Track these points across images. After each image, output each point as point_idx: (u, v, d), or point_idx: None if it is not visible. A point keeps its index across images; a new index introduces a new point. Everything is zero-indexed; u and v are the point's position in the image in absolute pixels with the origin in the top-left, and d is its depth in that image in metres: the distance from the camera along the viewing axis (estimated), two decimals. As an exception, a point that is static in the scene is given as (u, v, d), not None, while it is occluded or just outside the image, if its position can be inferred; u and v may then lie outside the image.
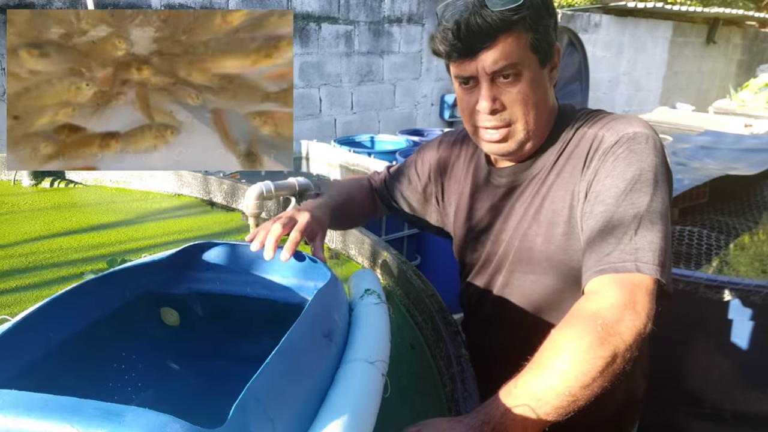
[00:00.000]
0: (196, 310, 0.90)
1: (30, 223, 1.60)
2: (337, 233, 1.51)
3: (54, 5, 3.14)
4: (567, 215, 0.92)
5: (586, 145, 0.92)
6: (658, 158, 0.86)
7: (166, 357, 0.89)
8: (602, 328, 0.72)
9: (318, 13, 4.33)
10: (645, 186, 0.83)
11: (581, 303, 0.78)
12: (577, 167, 0.91)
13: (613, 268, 0.79)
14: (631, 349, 0.72)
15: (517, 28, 0.84)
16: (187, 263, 0.88)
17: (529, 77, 0.87)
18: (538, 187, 0.97)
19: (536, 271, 0.97)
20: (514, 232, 0.99)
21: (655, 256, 0.79)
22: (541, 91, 0.90)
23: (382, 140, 4.02)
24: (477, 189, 1.08)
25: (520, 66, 0.86)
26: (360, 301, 0.87)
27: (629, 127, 0.88)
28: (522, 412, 0.69)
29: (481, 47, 0.84)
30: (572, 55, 4.95)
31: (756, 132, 3.85)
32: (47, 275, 1.29)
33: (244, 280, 0.90)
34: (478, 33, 0.83)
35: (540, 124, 0.93)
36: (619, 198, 0.83)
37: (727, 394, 1.64)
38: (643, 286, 0.77)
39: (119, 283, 0.81)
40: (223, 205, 1.83)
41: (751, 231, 2.14)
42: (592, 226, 0.85)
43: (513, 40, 0.84)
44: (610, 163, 0.86)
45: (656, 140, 0.88)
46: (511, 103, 0.88)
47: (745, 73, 9.69)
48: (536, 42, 0.86)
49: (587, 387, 0.70)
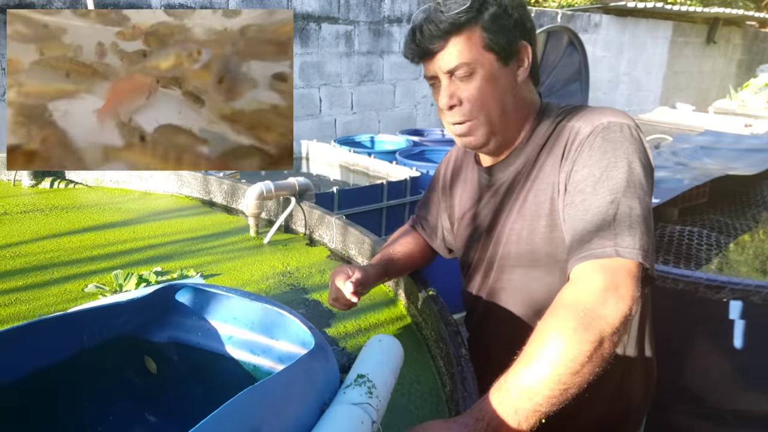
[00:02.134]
0: (174, 361, 0.79)
1: (30, 223, 1.60)
2: (336, 233, 1.51)
3: (54, 5, 3.14)
4: (549, 208, 0.94)
5: (563, 138, 0.94)
6: (634, 145, 0.87)
7: (142, 407, 0.79)
8: (585, 314, 0.72)
9: (318, 13, 4.33)
10: (621, 173, 0.84)
11: (563, 292, 0.79)
12: (556, 160, 0.94)
13: (594, 255, 0.80)
14: (618, 332, 0.73)
15: (470, 28, 0.90)
16: (168, 305, 0.78)
17: (484, 74, 0.92)
18: (522, 182, 0.99)
19: (524, 264, 0.99)
20: (502, 228, 1.02)
21: (635, 240, 0.80)
22: (502, 88, 0.94)
23: (382, 140, 4.02)
24: (473, 190, 1.11)
25: (473, 64, 0.92)
26: (341, 396, 0.66)
27: (603, 117, 0.91)
28: (514, 405, 0.69)
29: (434, 49, 0.92)
30: (572, 55, 4.95)
31: (756, 132, 3.85)
32: (47, 275, 1.29)
33: (227, 335, 0.78)
34: (430, 36, 0.91)
35: (506, 118, 0.96)
36: (596, 186, 0.85)
37: (727, 394, 1.64)
38: (625, 269, 0.78)
39: (84, 325, 0.71)
40: (223, 205, 1.83)
41: (751, 231, 2.14)
42: (572, 215, 0.87)
43: (464, 41, 0.91)
44: (586, 153, 0.88)
45: (632, 128, 0.89)
46: (467, 99, 0.94)
47: (745, 73, 9.69)
48: (491, 41, 0.91)
49: (577, 373, 0.70)
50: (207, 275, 1.34)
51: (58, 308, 1.15)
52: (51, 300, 1.18)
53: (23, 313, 1.13)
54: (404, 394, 0.94)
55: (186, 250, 1.47)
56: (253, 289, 1.28)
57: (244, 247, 1.52)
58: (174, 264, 1.38)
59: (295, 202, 1.61)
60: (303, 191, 1.61)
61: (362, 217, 2.49)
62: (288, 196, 1.61)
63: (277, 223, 1.60)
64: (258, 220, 1.60)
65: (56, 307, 1.15)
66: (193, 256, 1.44)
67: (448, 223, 1.21)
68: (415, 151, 3.50)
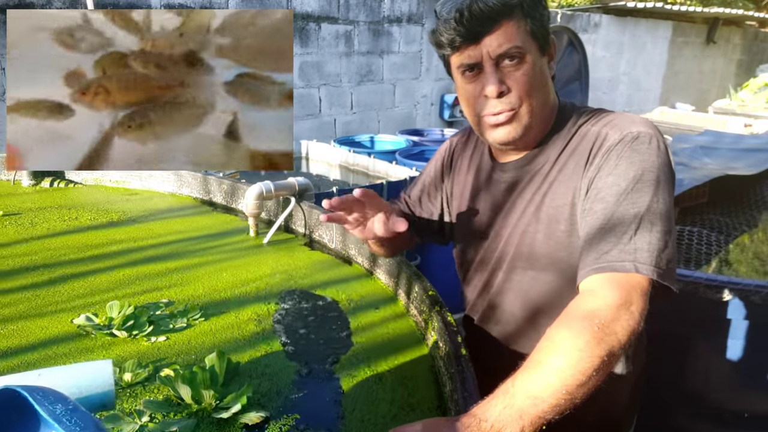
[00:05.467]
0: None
1: (29, 222, 1.60)
2: (337, 232, 1.51)
3: (54, 5, 3.14)
4: (569, 213, 0.92)
5: (589, 143, 0.92)
6: (661, 159, 0.86)
7: None
8: (599, 328, 0.72)
9: (318, 13, 4.33)
10: (646, 186, 0.83)
11: (578, 301, 0.79)
12: (580, 164, 0.92)
13: (612, 267, 0.79)
14: (624, 348, 0.73)
15: (517, 14, 0.88)
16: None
17: (531, 61, 0.90)
18: (539, 183, 0.97)
19: (536, 267, 0.98)
20: (514, 228, 1.00)
21: (653, 257, 0.79)
22: (544, 78, 0.93)
23: (381, 140, 4.02)
24: (479, 184, 1.08)
25: (523, 49, 0.89)
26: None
27: (633, 126, 0.89)
28: (519, 410, 0.69)
29: (485, 32, 0.87)
30: (572, 55, 4.95)
31: (756, 132, 3.85)
32: (47, 275, 1.29)
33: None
34: (481, 17, 0.86)
35: (543, 110, 0.94)
36: (620, 197, 0.83)
37: (727, 394, 1.64)
38: (640, 286, 0.78)
39: None
40: (223, 205, 1.83)
41: (751, 231, 2.14)
42: (591, 223, 0.85)
43: (514, 24, 0.88)
44: (613, 161, 0.87)
45: (660, 140, 0.88)
46: (517, 86, 0.90)
47: (745, 73, 9.69)
48: (535, 29, 0.89)
49: (584, 385, 0.70)
50: (207, 275, 1.34)
51: (57, 308, 1.15)
52: (51, 300, 1.18)
53: (23, 313, 1.13)
54: (404, 393, 0.94)
55: (186, 250, 1.47)
56: (253, 289, 1.28)
57: (243, 247, 1.52)
58: (174, 263, 1.38)
59: (294, 202, 1.61)
60: (303, 191, 1.61)
61: (362, 217, 2.49)
62: (288, 196, 1.61)
63: (277, 223, 1.60)
64: (258, 220, 1.60)
65: (56, 307, 1.16)
66: (193, 256, 1.44)
67: (439, 209, 1.19)
68: (414, 151, 3.50)
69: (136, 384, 0.92)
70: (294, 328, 1.13)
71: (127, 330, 1.06)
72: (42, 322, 1.10)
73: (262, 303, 1.22)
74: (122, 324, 1.07)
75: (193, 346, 1.04)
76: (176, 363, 0.98)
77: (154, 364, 0.98)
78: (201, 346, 1.04)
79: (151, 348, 1.03)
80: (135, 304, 1.16)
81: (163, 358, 1.00)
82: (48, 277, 1.29)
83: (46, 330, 1.07)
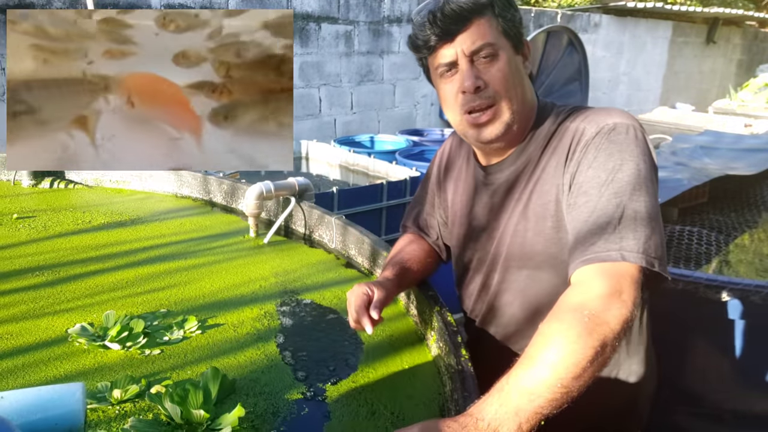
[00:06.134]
0: None
1: (29, 223, 1.60)
2: (336, 233, 1.51)
3: (54, 5, 3.14)
4: (554, 209, 0.93)
5: (568, 139, 0.94)
6: (640, 147, 0.87)
7: None
8: (589, 319, 0.73)
9: (318, 13, 4.33)
10: (627, 175, 0.84)
11: (567, 294, 0.79)
12: (561, 161, 0.93)
13: (599, 258, 0.80)
14: (618, 337, 0.73)
15: (488, 13, 0.91)
16: None
17: (506, 58, 0.93)
18: (525, 182, 0.98)
19: (529, 266, 0.99)
20: (505, 228, 1.01)
21: (639, 244, 0.80)
22: (519, 75, 0.95)
23: (381, 140, 4.02)
24: (470, 189, 1.10)
25: (496, 46, 0.92)
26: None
27: (609, 118, 0.90)
28: (515, 406, 0.69)
29: (458, 29, 0.90)
30: (572, 55, 4.95)
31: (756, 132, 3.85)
32: (47, 276, 1.29)
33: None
34: (453, 16, 0.90)
35: (523, 108, 0.96)
36: (601, 188, 0.84)
37: (727, 394, 1.64)
38: (628, 274, 0.78)
39: None
40: (223, 205, 1.83)
41: (751, 231, 2.14)
42: (576, 217, 0.86)
43: (486, 22, 0.91)
44: (592, 154, 0.88)
45: (637, 129, 0.89)
46: (493, 81, 0.92)
47: (745, 73, 9.69)
48: (507, 28, 0.93)
49: (579, 377, 0.70)
50: (206, 276, 1.34)
51: (57, 309, 1.15)
52: (51, 300, 1.18)
53: (23, 314, 1.13)
54: (404, 393, 0.94)
55: (186, 251, 1.47)
56: (253, 289, 1.28)
57: (243, 247, 1.52)
58: (174, 264, 1.38)
59: (294, 202, 1.61)
60: (303, 191, 1.61)
61: (362, 217, 2.49)
62: (288, 196, 1.61)
63: (277, 223, 1.60)
64: (258, 220, 1.60)
65: (56, 307, 1.16)
66: (193, 257, 1.44)
67: (443, 218, 1.20)
68: (414, 151, 3.50)
69: (126, 401, 0.88)
70: (294, 335, 1.11)
71: (121, 342, 1.02)
72: (40, 323, 1.10)
73: (262, 307, 1.21)
74: (116, 336, 1.02)
75: (189, 360, 1.00)
76: (170, 378, 0.94)
77: (147, 378, 0.93)
78: (197, 360, 1.00)
79: (145, 361, 0.99)
80: (133, 308, 1.15)
81: (156, 372, 0.96)
82: (48, 278, 1.29)
83: (41, 335, 1.06)
